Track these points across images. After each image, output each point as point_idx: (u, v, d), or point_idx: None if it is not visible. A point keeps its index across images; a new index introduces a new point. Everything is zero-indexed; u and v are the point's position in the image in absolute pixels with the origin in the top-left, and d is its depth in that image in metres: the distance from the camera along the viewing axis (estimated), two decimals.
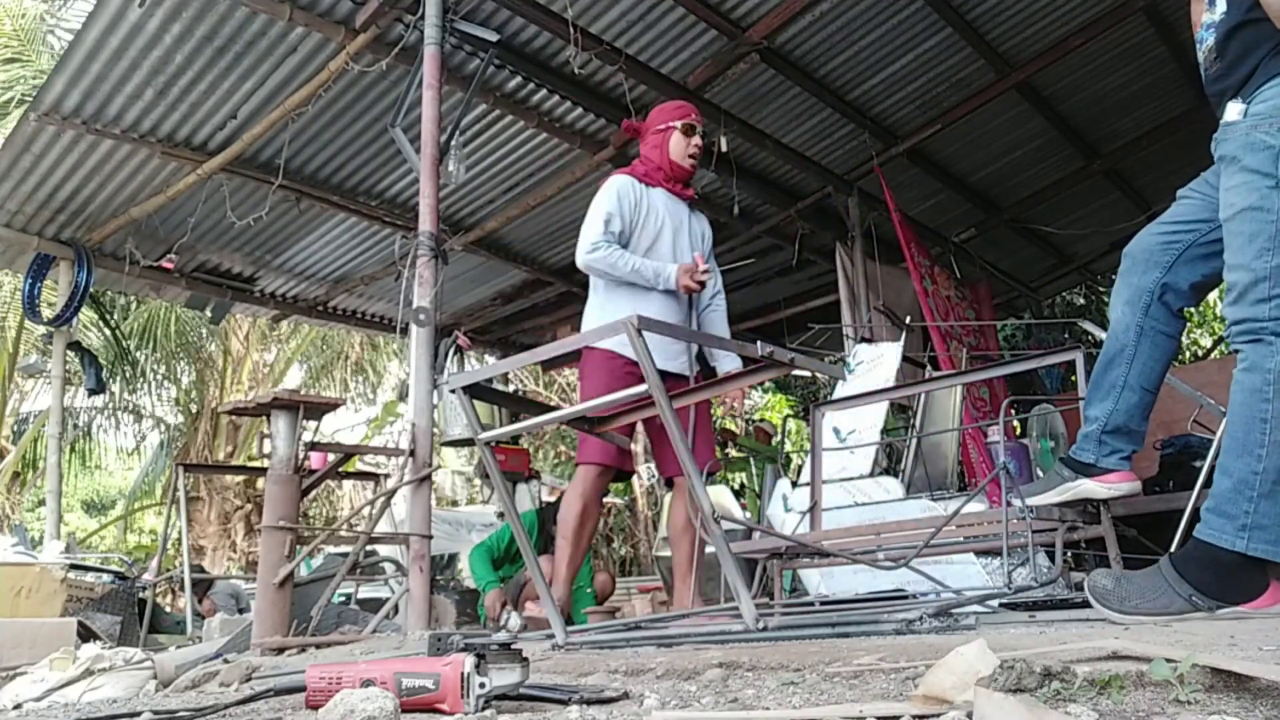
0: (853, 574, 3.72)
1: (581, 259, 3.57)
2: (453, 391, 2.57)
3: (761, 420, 9.43)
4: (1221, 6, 2.02)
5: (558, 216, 7.07)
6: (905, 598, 3.23)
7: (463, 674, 1.48)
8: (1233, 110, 1.99)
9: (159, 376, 13.55)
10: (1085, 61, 6.30)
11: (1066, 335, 9.13)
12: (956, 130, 6.73)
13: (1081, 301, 10.98)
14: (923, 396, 5.35)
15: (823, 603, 3.43)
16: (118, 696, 2.71)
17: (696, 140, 3.70)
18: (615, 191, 3.61)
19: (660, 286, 3.55)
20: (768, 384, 12.89)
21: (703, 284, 3.59)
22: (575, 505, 3.56)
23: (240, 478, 13.67)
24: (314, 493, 7.38)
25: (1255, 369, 1.88)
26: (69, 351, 6.82)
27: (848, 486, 4.53)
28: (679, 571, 3.66)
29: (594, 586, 5.53)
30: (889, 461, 5.28)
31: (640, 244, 3.62)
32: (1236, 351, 1.94)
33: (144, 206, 6.08)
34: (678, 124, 3.70)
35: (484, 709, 1.47)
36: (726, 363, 3.77)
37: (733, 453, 6.69)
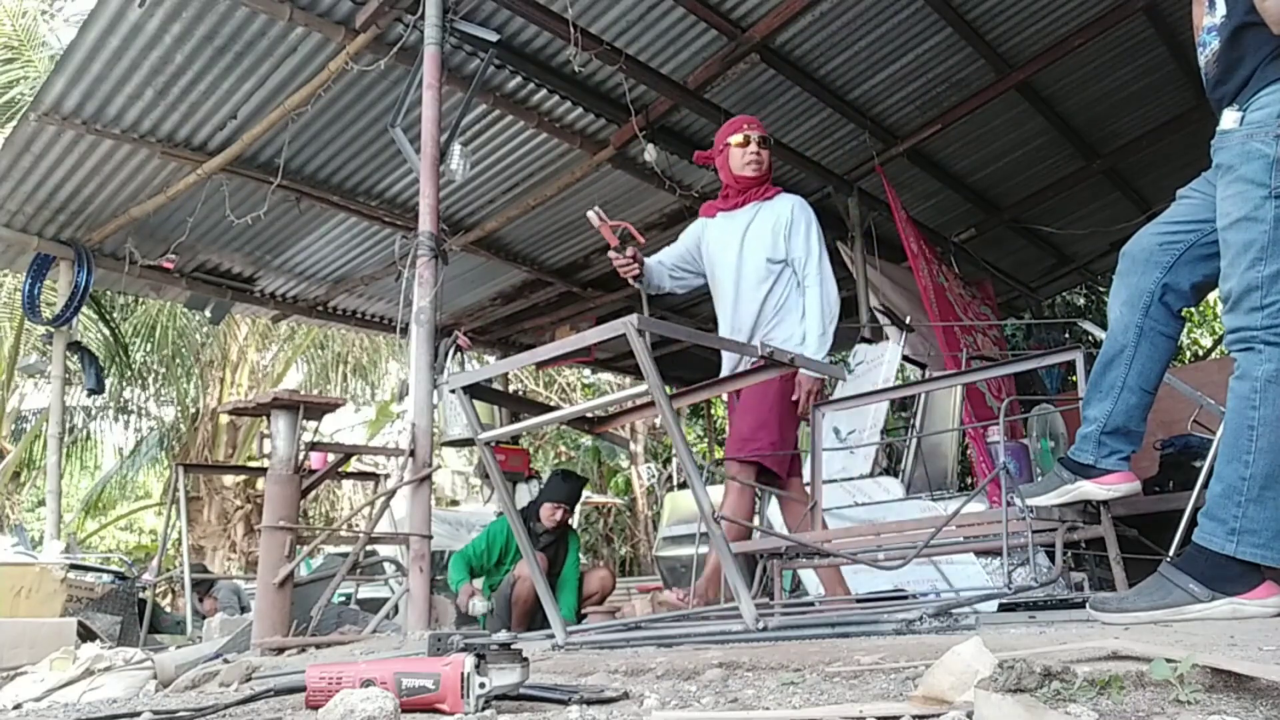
0: (853, 574, 3.72)
1: None
2: (453, 391, 2.57)
3: None
4: (1222, 9, 2.00)
5: (558, 216, 7.06)
6: (905, 598, 3.23)
7: (463, 674, 1.48)
8: (1229, 118, 1.99)
9: (159, 376, 13.56)
10: (1085, 61, 6.30)
11: (1066, 335, 9.13)
12: (956, 130, 6.73)
13: (1082, 301, 10.98)
14: (923, 396, 5.35)
15: (823, 603, 3.43)
16: (118, 696, 2.71)
17: (752, 148, 3.74)
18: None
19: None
20: None
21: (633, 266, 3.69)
22: None
23: (240, 478, 13.69)
24: (314, 493, 7.38)
25: (1246, 377, 1.91)
26: (69, 351, 6.82)
27: (848, 486, 4.54)
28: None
29: (596, 587, 5.57)
30: (889, 461, 5.29)
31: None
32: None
33: (144, 206, 6.08)
34: (730, 140, 3.78)
35: (484, 709, 1.47)
36: None
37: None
